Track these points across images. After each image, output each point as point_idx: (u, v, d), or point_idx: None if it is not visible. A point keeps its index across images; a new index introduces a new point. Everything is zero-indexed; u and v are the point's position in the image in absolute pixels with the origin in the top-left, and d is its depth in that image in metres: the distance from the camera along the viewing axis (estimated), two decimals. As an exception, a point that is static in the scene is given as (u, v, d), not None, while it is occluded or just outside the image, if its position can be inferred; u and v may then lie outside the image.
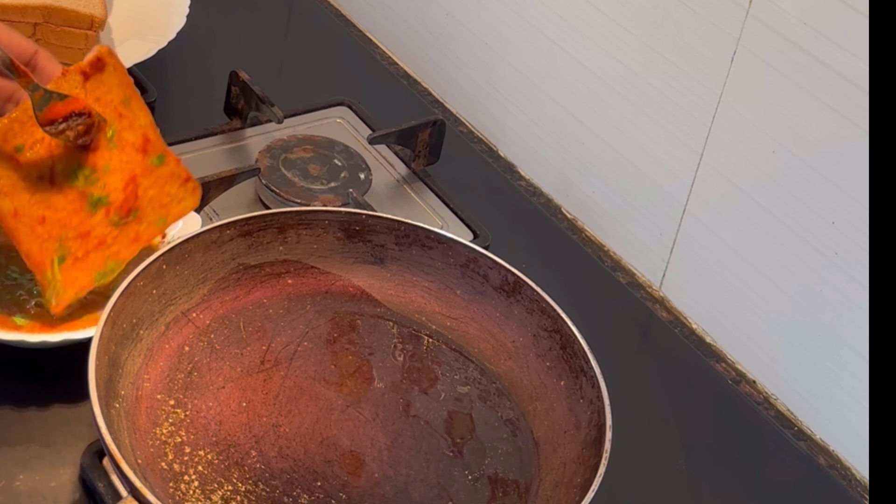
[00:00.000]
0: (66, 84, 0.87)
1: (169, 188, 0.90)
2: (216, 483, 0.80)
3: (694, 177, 1.06)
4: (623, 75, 1.10)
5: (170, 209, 0.90)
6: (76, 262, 0.87)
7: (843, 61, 0.92)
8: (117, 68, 0.88)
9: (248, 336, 0.91)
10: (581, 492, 0.80)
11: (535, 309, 0.92)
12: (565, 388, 0.89)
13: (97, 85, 0.88)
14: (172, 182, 0.90)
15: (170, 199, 0.90)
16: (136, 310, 0.85)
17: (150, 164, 0.89)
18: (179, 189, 0.90)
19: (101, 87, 0.88)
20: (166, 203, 0.90)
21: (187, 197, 0.90)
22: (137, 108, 0.90)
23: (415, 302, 0.95)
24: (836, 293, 0.97)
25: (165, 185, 0.90)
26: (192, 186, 0.90)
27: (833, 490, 0.98)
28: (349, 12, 1.41)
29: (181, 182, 0.90)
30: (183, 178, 0.90)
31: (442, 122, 1.16)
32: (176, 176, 0.90)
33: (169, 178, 0.90)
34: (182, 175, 0.90)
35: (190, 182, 0.90)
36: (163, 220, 0.90)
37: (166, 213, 0.90)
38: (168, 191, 0.90)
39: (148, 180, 0.89)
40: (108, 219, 0.88)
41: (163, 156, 0.90)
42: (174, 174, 0.90)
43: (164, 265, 0.88)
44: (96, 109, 0.87)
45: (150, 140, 0.90)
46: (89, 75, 0.87)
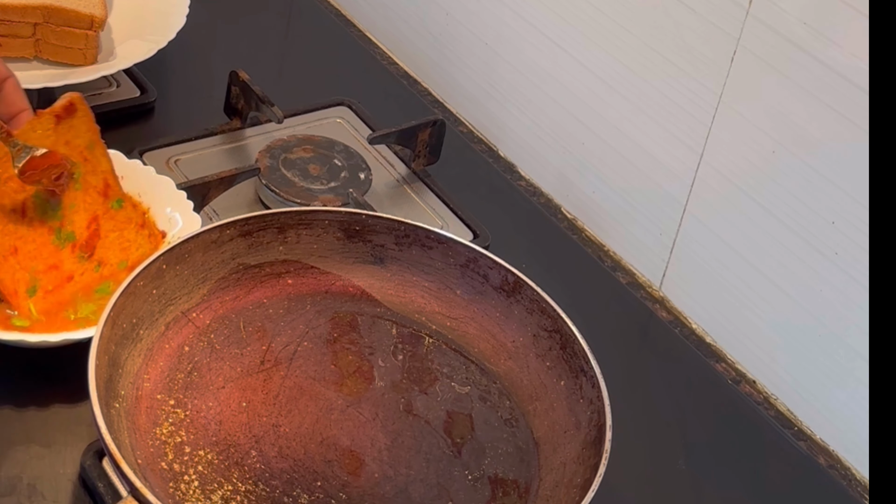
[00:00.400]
0: (39, 125, 0.92)
1: (127, 234, 0.96)
2: (216, 483, 0.80)
3: (694, 177, 1.06)
4: (623, 75, 1.10)
5: (129, 253, 0.95)
6: (47, 295, 0.91)
7: (843, 61, 0.92)
8: (86, 114, 0.95)
9: (248, 336, 0.91)
10: (581, 492, 0.80)
11: (535, 309, 0.92)
12: (565, 388, 0.89)
13: (67, 129, 0.94)
14: (129, 226, 0.96)
15: (129, 244, 0.96)
16: (136, 310, 0.85)
17: (110, 208, 0.96)
18: (137, 235, 0.96)
19: (71, 132, 0.94)
20: (126, 248, 0.95)
21: (144, 244, 0.95)
22: (100, 154, 0.96)
23: (415, 302, 0.95)
24: (836, 293, 0.97)
25: (124, 229, 0.96)
26: (147, 233, 0.96)
27: (833, 490, 0.98)
28: (349, 12, 1.41)
29: (137, 228, 0.96)
30: (139, 224, 0.96)
31: (442, 122, 1.16)
32: (132, 220, 0.96)
33: (126, 222, 0.96)
34: (139, 221, 0.96)
35: (146, 228, 0.96)
36: (124, 263, 0.95)
37: (126, 257, 0.95)
38: (127, 236, 0.96)
39: (109, 223, 0.96)
40: (76, 254, 0.94)
41: (121, 200, 0.96)
42: (130, 218, 0.96)
43: (164, 265, 0.88)
44: (66, 155, 0.93)
45: (111, 185, 0.96)
46: (61, 119, 0.93)
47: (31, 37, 1.11)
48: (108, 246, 0.95)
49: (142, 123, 1.16)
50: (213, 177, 1.05)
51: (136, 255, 0.95)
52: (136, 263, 0.91)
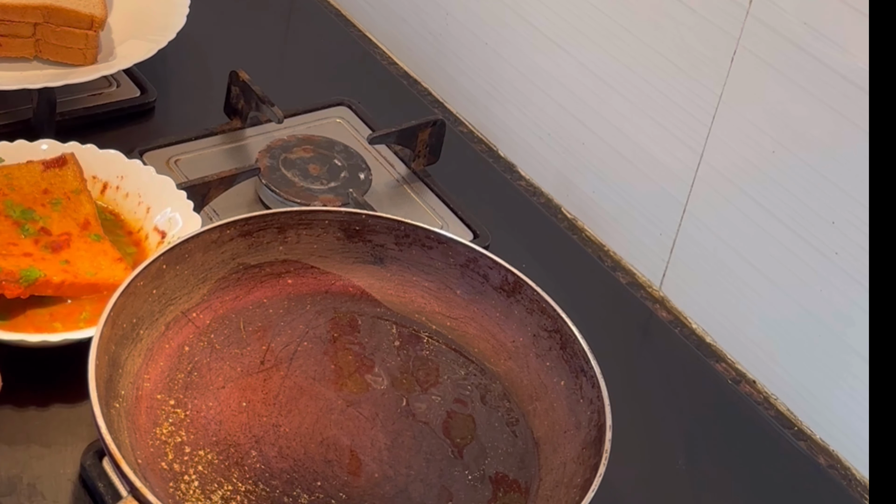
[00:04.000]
0: (26, 170, 0.98)
1: (100, 260, 0.94)
2: (216, 483, 0.80)
3: (694, 177, 1.06)
4: (623, 75, 1.10)
5: (100, 270, 0.94)
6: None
7: (843, 61, 0.92)
8: (75, 167, 0.99)
9: (248, 336, 0.91)
10: (581, 492, 0.80)
11: (535, 309, 0.92)
12: (565, 388, 0.89)
13: (53, 175, 0.99)
14: (104, 258, 0.95)
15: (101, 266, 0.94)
16: (136, 310, 0.85)
17: (87, 237, 0.96)
18: (111, 265, 0.94)
19: (57, 179, 0.98)
20: (98, 266, 0.94)
21: (118, 271, 0.94)
22: (85, 200, 0.98)
23: (415, 302, 0.95)
24: (836, 293, 0.97)
25: (97, 256, 0.95)
26: (122, 266, 0.94)
27: (833, 490, 0.98)
28: (349, 12, 1.41)
29: (113, 260, 0.95)
30: (115, 258, 0.95)
31: (442, 122, 1.16)
32: (109, 254, 0.95)
33: (102, 253, 0.95)
34: (115, 255, 0.95)
35: (121, 262, 0.95)
36: (91, 273, 0.93)
37: (96, 271, 0.93)
38: (99, 261, 0.94)
39: (81, 245, 0.95)
40: (40, 245, 0.94)
41: (100, 236, 0.96)
42: (107, 253, 0.95)
43: (164, 265, 0.88)
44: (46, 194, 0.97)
45: (91, 223, 0.97)
46: (49, 167, 0.98)
47: (31, 37, 1.11)
48: (78, 256, 0.94)
49: (142, 123, 1.16)
50: (213, 177, 1.05)
51: (107, 273, 0.93)
52: (104, 281, 0.92)
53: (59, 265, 0.93)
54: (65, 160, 0.99)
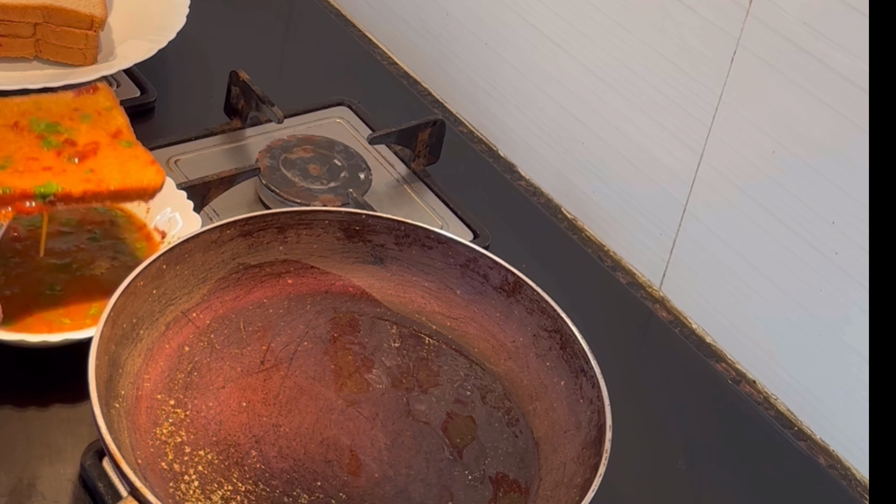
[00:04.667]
0: (56, 97, 0.94)
1: (130, 165, 0.91)
2: (216, 483, 0.80)
3: (694, 177, 1.06)
4: (623, 75, 1.10)
5: (129, 179, 0.90)
6: (15, 172, 0.88)
7: (843, 61, 0.92)
8: (106, 92, 0.96)
9: (248, 336, 0.91)
10: (581, 492, 0.80)
11: (535, 309, 0.92)
12: (565, 388, 0.89)
13: (84, 100, 0.96)
14: (135, 162, 0.91)
15: (129, 173, 0.91)
16: (136, 310, 0.85)
17: (118, 144, 0.92)
18: (141, 167, 0.91)
19: (87, 102, 0.95)
20: (127, 174, 0.90)
21: (150, 175, 0.91)
22: (118, 114, 0.95)
23: (415, 302, 0.95)
24: (836, 293, 0.97)
25: (127, 161, 0.91)
26: (155, 169, 0.91)
27: (833, 490, 0.98)
28: (349, 12, 1.41)
29: (145, 164, 0.91)
30: (147, 162, 0.92)
31: (442, 122, 1.16)
32: (140, 159, 0.92)
33: (132, 158, 0.92)
34: (147, 159, 0.92)
35: (154, 165, 0.91)
36: (119, 181, 0.90)
37: (124, 179, 0.90)
38: (128, 167, 0.91)
39: (110, 152, 0.91)
40: (63, 157, 0.90)
41: (131, 142, 0.93)
42: (139, 157, 0.92)
43: (164, 265, 0.88)
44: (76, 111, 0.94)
45: (123, 132, 0.94)
46: (81, 94, 0.96)
47: (31, 37, 1.11)
48: (106, 165, 0.90)
49: (142, 123, 1.16)
50: (213, 177, 1.05)
51: (137, 177, 0.90)
52: (132, 186, 0.90)
53: (81, 175, 0.89)
54: (96, 87, 0.96)
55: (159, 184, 0.91)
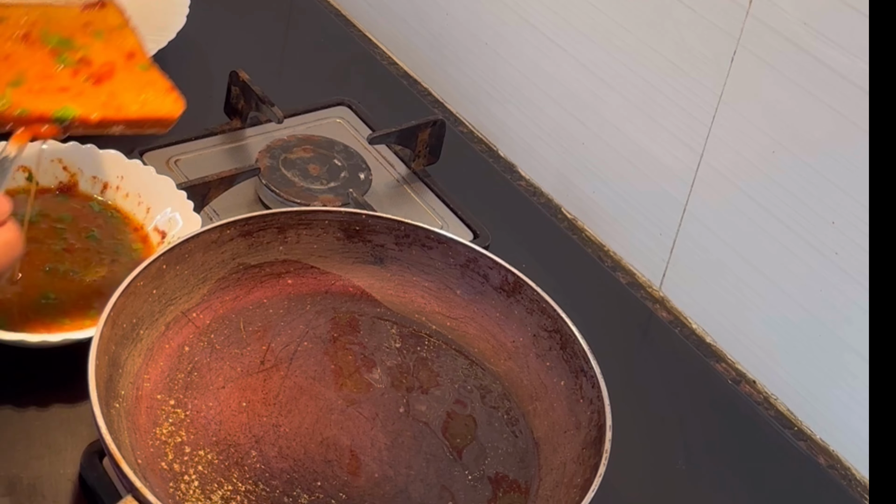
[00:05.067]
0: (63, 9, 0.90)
1: (148, 91, 0.87)
2: (216, 483, 0.80)
3: (694, 177, 1.06)
4: (623, 75, 1.10)
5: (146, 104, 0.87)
6: (30, 92, 0.84)
7: (843, 61, 0.92)
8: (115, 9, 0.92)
9: (248, 336, 0.91)
10: (581, 492, 0.80)
11: (535, 309, 0.92)
12: (565, 388, 0.89)
13: (93, 14, 0.91)
14: (152, 88, 0.88)
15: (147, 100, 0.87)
16: (136, 310, 0.85)
17: (133, 66, 0.89)
18: (160, 95, 0.88)
19: (97, 16, 0.92)
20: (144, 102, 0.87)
21: (168, 102, 0.87)
22: (129, 34, 0.91)
23: (415, 302, 0.95)
24: (836, 293, 0.97)
25: (145, 86, 0.87)
26: (174, 97, 0.88)
27: (833, 490, 0.98)
28: (349, 12, 1.41)
29: (163, 91, 0.88)
30: (166, 88, 0.89)
31: (442, 122, 1.16)
32: (157, 85, 0.89)
33: (150, 83, 0.88)
34: (164, 86, 0.89)
35: (172, 93, 0.88)
36: (136, 108, 0.86)
37: (142, 106, 0.87)
38: (146, 93, 0.87)
39: (126, 76, 0.88)
40: (78, 78, 0.86)
41: (147, 66, 0.89)
42: (156, 83, 0.89)
43: (164, 265, 0.88)
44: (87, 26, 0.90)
45: (137, 53, 0.90)
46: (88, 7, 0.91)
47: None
48: (121, 89, 0.86)
49: (142, 123, 1.16)
50: (213, 177, 1.05)
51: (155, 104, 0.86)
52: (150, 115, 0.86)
53: (99, 99, 0.85)
54: (104, 3, 0.92)
55: (177, 114, 0.87)
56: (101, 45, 0.89)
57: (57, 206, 1.00)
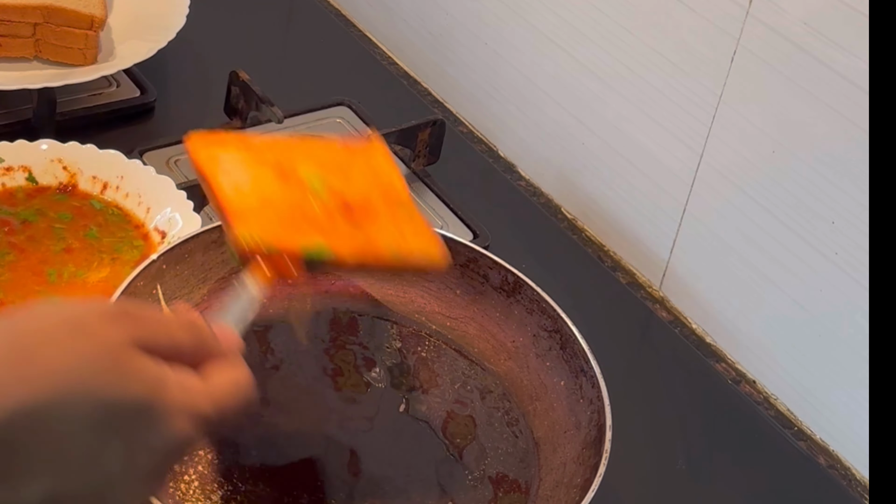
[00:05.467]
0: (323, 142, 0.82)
1: (406, 229, 0.78)
2: (216, 483, 0.80)
3: (694, 177, 1.06)
4: (623, 75, 1.10)
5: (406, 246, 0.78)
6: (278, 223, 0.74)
7: (843, 61, 0.92)
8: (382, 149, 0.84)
9: (248, 336, 0.90)
10: (581, 492, 0.80)
11: (535, 309, 0.92)
12: (565, 388, 0.89)
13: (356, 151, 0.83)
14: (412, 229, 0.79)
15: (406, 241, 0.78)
16: (136, 310, 0.85)
17: (393, 204, 0.80)
18: (420, 237, 0.79)
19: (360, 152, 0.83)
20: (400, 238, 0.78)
21: (429, 246, 0.79)
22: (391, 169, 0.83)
23: (415, 302, 0.95)
24: (836, 293, 0.97)
25: (404, 224, 0.78)
26: (435, 241, 0.79)
27: (833, 490, 0.98)
28: (349, 12, 1.41)
29: (423, 233, 0.79)
30: (426, 230, 0.80)
31: (442, 122, 1.16)
32: (418, 226, 0.79)
33: (409, 220, 0.79)
34: (425, 228, 0.80)
35: (434, 237, 0.80)
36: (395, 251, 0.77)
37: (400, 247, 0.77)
38: (404, 231, 0.78)
39: (387, 213, 0.79)
40: (331, 213, 0.76)
41: (408, 205, 0.80)
42: (413, 219, 0.80)
43: (164, 265, 0.88)
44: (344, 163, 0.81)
45: (398, 190, 0.81)
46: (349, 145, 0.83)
47: (31, 37, 1.11)
48: (381, 229, 0.77)
49: (142, 123, 1.16)
50: (213, 177, 1.05)
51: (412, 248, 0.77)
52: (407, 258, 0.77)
53: (356, 241, 0.76)
54: (370, 137, 0.84)
55: (439, 260, 0.79)
56: (359, 179, 0.80)
57: (56, 205, 1.00)
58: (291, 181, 0.77)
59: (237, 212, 0.74)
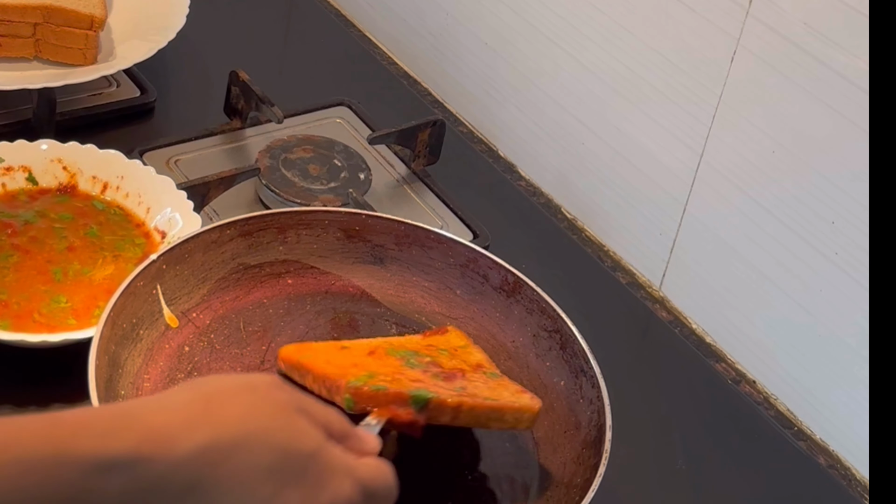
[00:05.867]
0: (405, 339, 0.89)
1: (500, 390, 0.83)
2: (216, 483, 0.80)
3: (694, 177, 1.06)
4: (623, 75, 1.10)
5: (501, 396, 0.82)
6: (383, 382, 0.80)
7: (843, 61, 0.92)
8: (457, 332, 0.90)
9: (248, 336, 0.91)
10: (581, 492, 0.80)
11: (535, 309, 0.92)
12: (565, 388, 0.89)
13: (436, 340, 0.89)
14: (504, 389, 0.84)
15: (501, 395, 0.83)
16: (136, 310, 0.85)
17: (482, 373, 0.85)
18: (513, 394, 0.83)
19: (440, 339, 0.90)
20: (496, 394, 0.83)
21: (523, 399, 0.82)
22: (475, 351, 0.88)
23: (415, 302, 0.95)
24: (836, 293, 0.97)
25: (496, 388, 0.83)
26: (529, 396, 0.83)
27: (833, 490, 0.98)
28: (349, 12, 1.41)
29: (515, 391, 0.84)
30: (517, 390, 0.84)
31: (442, 122, 1.16)
32: (509, 388, 0.84)
33: (500, 386, 0.84)
34: (516, 388, 0.84)
35: (525, 393, 0.83)
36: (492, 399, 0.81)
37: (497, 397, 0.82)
38: (499, 391, 0.83)
39: (477, 378, 0.84)
40: (429, 374, 0.83)
41: (497, 374, 0.86)
42: (507, 386, 0.84)
43: (164, 265, 0.88)
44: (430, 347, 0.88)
45: (485, 366, 0.87)
46: (428, 336, 0.90)
47: (31, 37, 1.11)
48: (475, 386, 0.82)
49: (142, 123, 1.16)
50: (213, 177, 1.05)
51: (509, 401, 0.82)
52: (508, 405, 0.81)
53: (453, 390, 0.81)
54: (446, 329, 0.90)
55: (536, 409, 0.82)
56: (446, 358, 0.86)
57: (57, 205, 1.00)
58: (383, 358, 0.84)
59: (339, 373, 0.81)
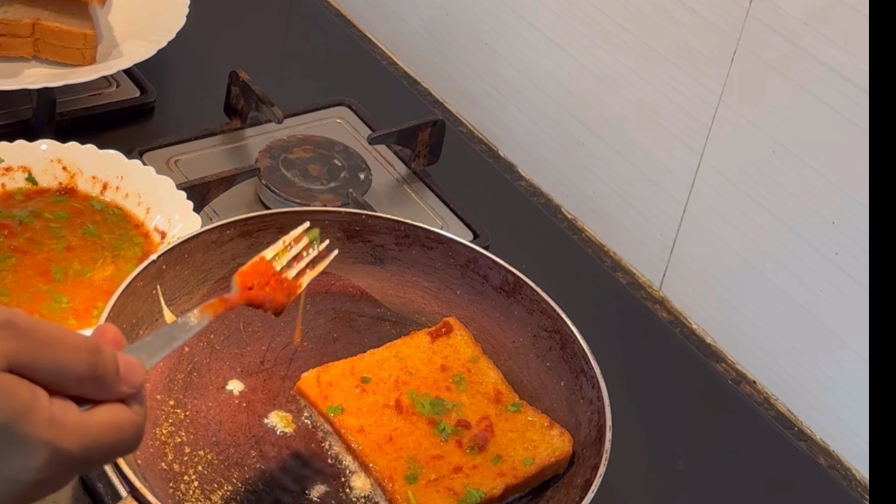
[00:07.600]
0: (413, 344, 0.90)
1: (530, 434, 0.85)
2: (216, 483, 0.80)
3: (694, 177, 1.06)
4: (623, 75, 1.10)
5: (537, 452, 0.84)
6: (429, 484, 0.82)
7: (843, 61, 0.92)
8: (464, 334, 0.92)
9: (248, 336, 0.91)
10: (581, 492, 0.80)
11: (535, 309, 0.92)
12: (565, 388, 0.89)
13: (444, 346, 0.91)
14: (533, 429, 0.86)
15: (534, 445, 0.85)
16: (136, 310, 0.85)
17: (505, 410, 0.87)
18: (544, 435, 0.85)
19: (449, 349, 0.91)
20: (531, 448, 0.85)
21: (555, 443, 0.85)
22: (486, 367, 0.90)
23: (415, 302, 0.95)
24: (836, 293, 0.97)
25: (526, 431, 0.86)
26: (558, 432, 0.85)
27: (833, 490, 0.98)
28: (349, 12, 1.41)
29: (543, 429, 0.86)
30: (545, 426, 0.86)
31: (442, 122, 1.16)
32: (535, 424, 0.86)
33: (528, 425, 0.86)
34: (543, 422, 0.86)
35: (555, 428, 0.86)
36: (529, 460, 0.84)
37: (533, 455, 0.84)
38: (530, 437, 0.85)
39: (505, 423, 0.86)
40: (462, 449, 0.84)
41: (518, 405, 0.88)
42: (533, 422, 0.86)
43: (164, 265, 0.88)
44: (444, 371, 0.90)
45: (502, 392, 0.89)
46: (436, 337, 0.91)
47: (30, 36, 1.11)
48: (507, 444, 0.85)
49: (142, 123, 1.16)
50: (213, 177, 1.05)
51: (546, 452, 0.84)
52: (544, 462, 0.84)
53: (493, 469, 0.83)
54: (450, 327, 0.92)
55: (569, 450, 0.85)
56: (467, 398, 0.88)
57: (53, 205, 1.00)
58: (413, 419, 0.85)
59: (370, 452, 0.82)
